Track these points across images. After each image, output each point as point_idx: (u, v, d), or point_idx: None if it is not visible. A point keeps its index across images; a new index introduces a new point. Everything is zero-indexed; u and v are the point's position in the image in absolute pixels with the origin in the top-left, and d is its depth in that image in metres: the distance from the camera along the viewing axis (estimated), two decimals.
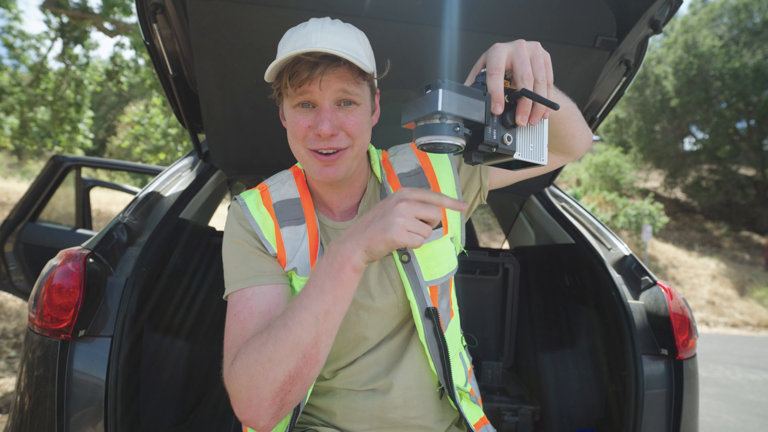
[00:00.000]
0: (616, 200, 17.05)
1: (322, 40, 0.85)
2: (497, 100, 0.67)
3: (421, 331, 0.99)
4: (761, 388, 5.06)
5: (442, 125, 0.66)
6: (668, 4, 1.26)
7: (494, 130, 0.69)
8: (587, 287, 1.90)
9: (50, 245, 3.26)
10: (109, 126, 23.15)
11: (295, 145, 0.94)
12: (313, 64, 0.85)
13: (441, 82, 0.65)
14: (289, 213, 1.00)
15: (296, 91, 0.88)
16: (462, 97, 0.66)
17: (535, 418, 1.96)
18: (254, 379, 0.74)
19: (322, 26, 0.88)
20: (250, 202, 1.01)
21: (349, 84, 0.88)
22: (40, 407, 1.16)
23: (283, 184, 1.05)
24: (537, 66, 0.71)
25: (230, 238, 0.97)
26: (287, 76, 0.87)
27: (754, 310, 11.95)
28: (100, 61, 11.39)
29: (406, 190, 0.76)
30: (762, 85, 17.50)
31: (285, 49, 0.89)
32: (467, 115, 0.66)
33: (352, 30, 0.92)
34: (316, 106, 0.90)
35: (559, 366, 2.01)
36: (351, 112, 0.90)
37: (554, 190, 2.21)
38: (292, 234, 0.98)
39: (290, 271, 0.96)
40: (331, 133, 0.88)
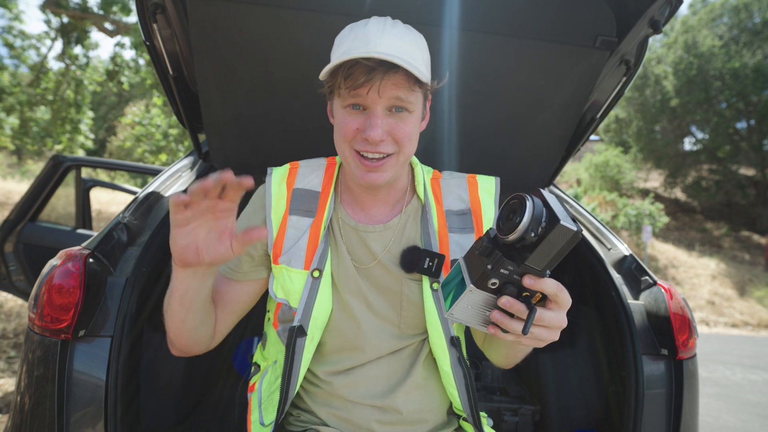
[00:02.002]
0: (616, 200, 17.04)
1: (381, 43, 0.84)
2: (507, 304, 0.70)
3: (446, 359, 0.99)
4: (761, 388, 5.06)
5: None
6: (668, 4, 1.26)
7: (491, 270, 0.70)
8: (587, 287, 1.89)
9: (50, 245, 3.26)
10: (109, 126, 23.15)
11: (341, 144, 0.94)
12: (370, 68, 0.84)
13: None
14: (303, 203, 1.01)
15: (350, 93, 0.87)
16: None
17: (535, 418, 1.96)
18: (168, 329, 0.96)
19: (383, 27, 0.87)
20: (276, 176, 1.03)
21: (403, 91, 0.87)
22: (40, 407, 1.16)
23: (312, 171, 1.05)
24: (557, 323, 0.75)
25: (246, 211, 1.05)
26: (342, 76, 0.86)
27: (754, 310, 11.95)
28: (100, 61, 11.41)
29: None
30: (762, 85, 17.50)
31: (342, 47, 0.88)
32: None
33: (412, 33, 0.91)
34: (367, 110, 0.89)
35: (559, 366, 2.01)
36: (402, 120, 0.90)
37: (554, 190, 2.21)
38: (297, 224, 0.99)
39: (282, 264, 0.98)
40: (380, 140, 0.88)
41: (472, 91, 1.57)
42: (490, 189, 1.07)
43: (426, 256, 0.98)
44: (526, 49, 1.44)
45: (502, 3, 1.33)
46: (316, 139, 1.76)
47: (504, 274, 0.70)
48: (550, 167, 1.96)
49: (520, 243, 0.68)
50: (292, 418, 1.07)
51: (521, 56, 1.46)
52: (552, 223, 0.65)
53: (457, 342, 0.98)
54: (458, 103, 1.61)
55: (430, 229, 1.02)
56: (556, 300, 0.73)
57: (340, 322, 0.99)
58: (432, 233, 1.01)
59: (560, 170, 2.06)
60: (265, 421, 1.01)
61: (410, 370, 1.01)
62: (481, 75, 1.52)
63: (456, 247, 1.01)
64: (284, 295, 0.98)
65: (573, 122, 1.72)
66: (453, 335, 0.98)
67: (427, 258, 0.98)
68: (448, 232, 1.02)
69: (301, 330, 0.95)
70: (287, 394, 0.97)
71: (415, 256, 0.98)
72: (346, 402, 1.00)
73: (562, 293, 0.73)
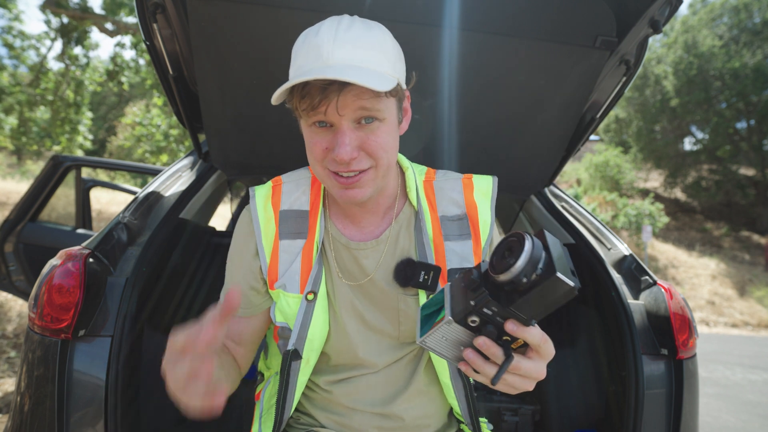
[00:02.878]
0: (616, 200, 17.05)
1: (333, 55, 0.77)
2: (483, 346, 0.67)
3: (446, 371, 0.97)
4: (761, 388, 5.06)
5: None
6: (668, 4, 1.26)
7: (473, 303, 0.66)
8: (587, 287, 1.89)
9: (50, 245, 3.26)
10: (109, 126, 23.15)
11: (314, 165, 0.87)
12: (324, 86, 0.76)
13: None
14: (292, 225, 0.96)
15: (309, 114, 0.80)
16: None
17: (535, 418, 1.96)
18: None
19: (335, 34, 0.78)
20: (260, 198, 0.99)
21: (368, 101, 0.79)
22: (40, 407, 1.16)
23: (297, 188, 1.00)
24: (534, 374, 0.71)
25: (231, 249, 1.01)
26: (298, 97, 0.80)
27: (754, 310, 11.96)
28: (100, 62, 11.40)
29: None
30: (762, 85, 17.50)
31: (297, 61, 0.82)
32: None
33: (373, 32, 0.81)
34: (334, 125, 0.81)
35: (559, 366, 2.01)
36: (373, 131, 0.82)
37: (554, 190, 2.21)
38: (289, 248, 0.95)
39: (278, 289, 0.95)
40: (350, 158, 0.80)
41: (472, 91, 1.57)
42: (486, 190, 1.00)
43: (421, 270, 0.92)
44: (526, 49, 1.43)
45: (502, 3, 1.33)
46: None
47: (486, 314, 0.65)
48: (550, 167, 1.96)
49: (510, 286, 0.63)
50: (291, 421, 1.07)
51: (521, 56, 1.46)
52: (548, 272, 0.60)
53: None
54: (458, 103, 1.61)
55: (424, 239, 0.95)
56: (539, 351, 0.69)
57: (337, 343, 0.97)
58: (427, 243, 0.95)
59: (560, 170, 2.05)
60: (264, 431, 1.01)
61: (411, 378, 1.00)
62: (481, 75, 1.52)
63: (453, 256, 0.95)
64: (283, 318, 0.95)
65: (573, 122, 1.72)
66: None
67: (422, 271, 0.92)
68: (443, 241, 0.96)
69: (296, 354, 0.92)
70: (282, 414, 0.96)
71: (409, 271, 0.93)
72: (347, 408, 0.99)
73: (546, 345, 0.68)
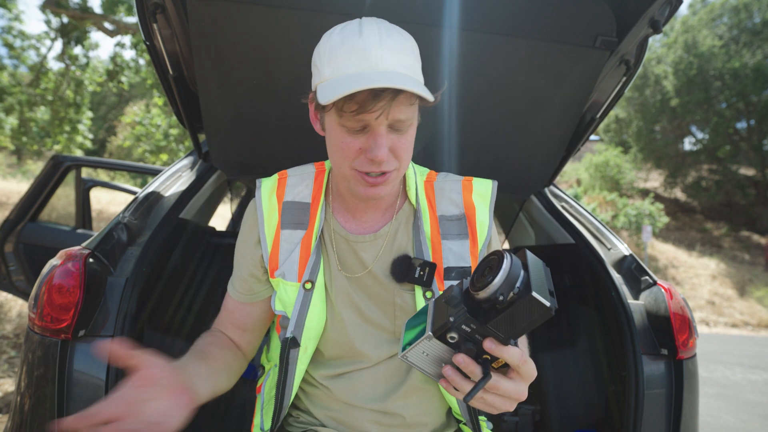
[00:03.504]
0: (616, 200, 17.05)
1: (383, 60, 0.80)
2: (461, 363, 0.67)
3: None
4: (761, 388, 5.06)
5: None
6: (668, 4, 1.26)
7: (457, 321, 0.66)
8: (587, 287, 1.89)
9: (50, 245, 3.26)
10: (109, 126, 23.14)
11: (340, 163, 0.89)
12: (377, 93, 0.78)
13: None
14: (294, 216, 1.00)
15: (354, 117, 0.82)
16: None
17: (535, 418, 1.96)
18: None
19: (380, 39, 0.81)
20: (265, 189, 1.02)
21: (405, 110, 0.83)
22: (40, 407, 1.16)
23: (301, 181, 1.03)
24: (514, 394, 0.72)
25: (240, 236, 1.05)
26: (345, 100, 0.80)
27: (754, 310, 11.96)
28: (100, 62, 11.40)
29: None
30: (762, 85, 17.50)
31: (336, 61, 0.82)
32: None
33: (408, 40, 0.86)
34: (367, 128, 0.84)
35: (559, 366, 2.01)
36: (402, 135, 0.87)
37: (554, 190, 2.21)
38: (289, 237, 0.99)
39: (278, 278, 0.98)
40: (384, 159, 0.85)
41: (472, 91, 1.57)
42: (485, 194, 1.03)
43: (417, 265, 0.95)
44: (526, 49, 1.43)
45: (502, 3, 1.33)
46: (316, 139, 1.76)
47: (465, 330, 0.65)
48: (550, 167, 1.96)
49: (488, 303, 0.63)
50: (291, 419, 1.07)
51: (521, 56, 1.46)
52: (524, 291, 0.61)
53: None
54: (458, 104, 1.61)
55: (421, 236, 0.98)
56: (518, 371, 0.69)
57: (334, 333, 0.99)
58: (424, 240, 0.98)
59: (560, 170, 2.05)
60: (265, 427, 1.01)
61: (408, 374, 1.00)
62: (481, 75, 1.52)
63: (450, 255, 0.98)
64: (282, 307, 0.98)
65: (573, 122, 1.72)
66: None
67: (418, 267, 0.95)
68: (441, 239, 0.99)
69: (294, 341, 0.94)
70: (282, 403, 0.98)
71: (405, 266, 0.96)
72: (345, 405, 1.00)
73: (526, 366, 0.69)
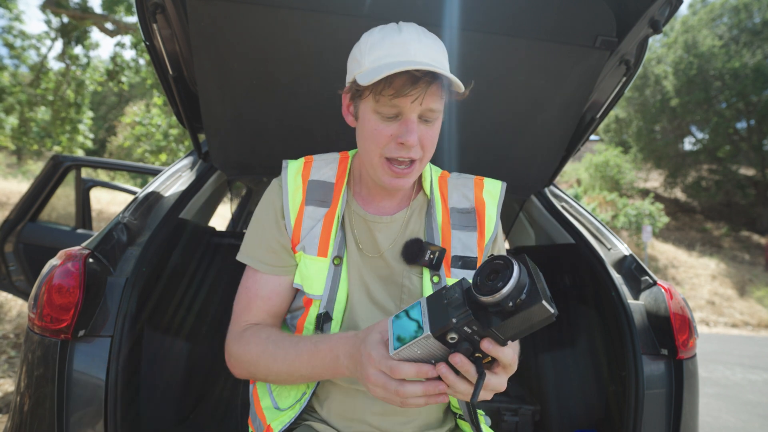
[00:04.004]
0: (616, 200, 17.04)
1: (421, 53, 0.86)
2: (459, 363, 0.69)
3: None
4: (761, 388, 5.06)
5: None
6: (668, 4, 1.26)
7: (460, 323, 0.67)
8: (587, 287, 1.89)
9: (50, 245, 3.26)
10: (109, 126, 23.14)
11: (370, 150, 0.94)
12: (416, 79, 0.84)
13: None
14: (318, 194, 1.04)
15: (390, 102, 0.88)
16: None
17: (535, 418, 1.96)
18: (242, 364, 0.99)
19: (419, 37, 0.89)
20: (292, 169, 1.06)
21: (436, 101, 0.90)
22: (40, 407, 1.16)
23: (327, 164, 1.08)
24: (498, 387, 0.75)
25: (258, 210, 1.06)
26: (385, 84, 0.86)
27: (754, 310, 11.96)
28: (100, 61, 11.40)
29: (378, 372, 0.74)
30: (762, 85, 17.50)
31: (377, 53, 0.88)
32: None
33: (440, 43, 0.93)
34: (399, 116, 0.90)
35: (559, 366, 2.01)
36: (430, 127, 0.93)
37: (554, 190, 2.21)
38: (312, 213, 1.03)
39: (299, 251, 1.01)
40: (415, 145, 0.91)
41: (472, 91, 1.56)
42: (494, 193, 1.10)
43: (428, 249, 1.00)
44: (526, 49, 1.44)
45: (502, 3, 1.33)
46: (316, 138, 1.76)
47: (466, 332, 0.67)
48: (550, 167, 1.96)
49: (494, 308, 0.65)
50: None
51: (521, 56, 1.46)
52: (532, 299, 0.63)
53: None
54: (458, 103, 1.60)
55: (433, 224, 1.05)
56: (507, 368, 0.73)
57: (347, 310, 1.02)
58: (435, 228, 1.04)
59: (560, 170, 2.05)
60: (282, 405, 1.03)
61: None
62: (481, 75, 1.52)
63: (458, 244, 1.04)
64: (300, 280, 1.01)
65: (573, 122, 1.72)
66: None
67: (428, 251, 1.00)
68: (451, 229, 1.05)
69: (327, 316, 0.99)
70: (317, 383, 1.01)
71: (416, 248, 1.01)
72: (344, 389, 1.01)
73: (515, 364, 0.73)
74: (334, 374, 0.87)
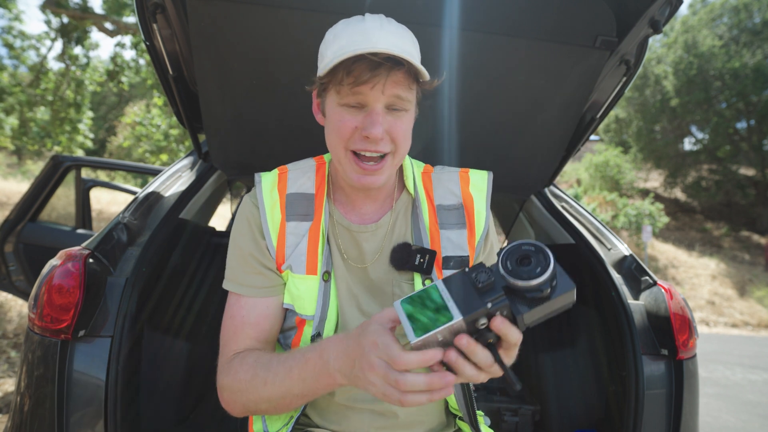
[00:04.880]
0: (616, 200, 17.04)
1: (383, 40, 0.82)
2: (466, 346, 0.64)
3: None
4: (761, 388, 5.06)
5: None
6: (668, 4, 1.26)
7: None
8: (587, 287, 1.89)
9: (50, 245, 3.26)
10: (109, 126, 23.14)
11: (336, 144, 0.90)
12: (376, 64, 0.81)
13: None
14: (298, 207, 0.98)
15: (351, 91, 0.84)
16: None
17: (535, 418, 1.96)
18: (234, 396, 0.90)
19: (382, 24, 0.85)
20: (266, 184, 1.00)
21: (403, 90, 0.86)
22: (40, 407, 1.16)
23: (303, 174, 1.02)
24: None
25: (235, 233, 0.99)
26: (344, 72, 0.83)
27: (754, 310, 11.95)
28: (100, 61, 11.40)
29: (381, 360, 0.67)
30: (762, 85, 17.50)
31: (339, 42, 0.85)
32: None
33: (407, 32, 0.89)
34: (366, 107, 0.87)
35: (559, 366, 2.01)
36: (399, 118, 0.88)
37: (554, 190, 2.21)
38: (295, 229, 0.97)
39: (286, 270, 0.96)
40: (380, 137, 0.86)
41: (472, 91, 1.57)
42: (481, 186, 1.05)
43: (417, 253, 0.95)
44: (526, 49, 1.44)
45: (502, 3, 1.33)
46: (316, 139, 1.76)
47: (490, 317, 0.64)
48: (550, 167, 1.96)
49: (530, 293, 0.63)
50: None
51: (521, 56, 1.46)
52: (565, 285, 0.63)
53: None
54: (458, 104, 1.61)
55: (420, 225, 1.00)
56: (511, 348, 0.68)
57: (340, 327, 0.98)
58: (423, 229, 0.99)
59: (560, 170, 2.05)
60: (271, 430, 1.00)
61: None
62: (481, 75, 1.52)
63: (448, 244, 0.99)
64: (290, 300, 0.96)
65: (573, 122, 1.72)
66: None
67: (417, 255, 0.95)
68: (439, 228, 1.00)
69: (320, 337, 0.93)
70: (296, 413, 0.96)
71: (405, 254, 0.96)
72: (343, 407, 0.99)
73: (519, 343, 0.69)
74: (326, 385, 0.79)
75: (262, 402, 0.86)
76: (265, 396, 0.85)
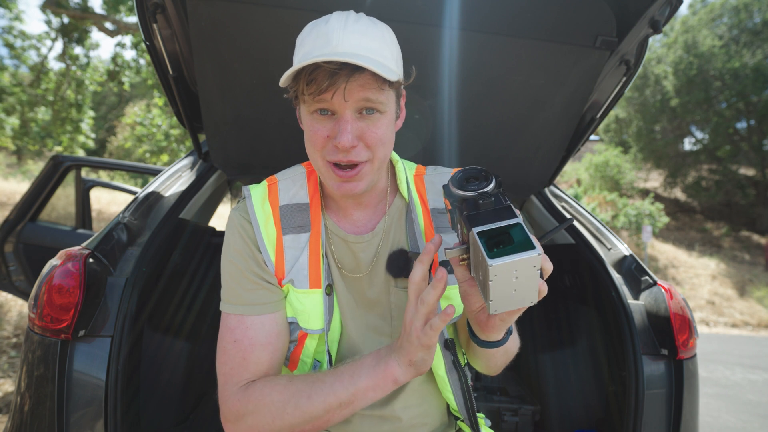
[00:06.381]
0: (616, 200, 17.04)
1: (344, 42, 0.78)
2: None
3: (441, 363, 0.96)
4: (761, 388, 5.06)
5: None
6: (668, 4, 1.26)
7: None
8: (587, 287, 1.90)
9: (50, 245, 3.26)
10: (109, 126, 23.14)
11: (313, 154, 0.87)
12: (333, 71, 0.77)
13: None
14: (294, 219, 0.94)
15: (314, 99, 0.81)
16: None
17: (535, 418, 1.96)
18: (263, 422, 0.82)
19: (345, 24, 0.80)
20: (256, 197, 0.96)
21: (372, 92, 0.81)
22: (40, 407, 1.16)
23: (294, 183, 0.99)
24: None
25: (228, 250, 0.93)
26: (304, 81, 0.80)
27: (754, 310, 11.95)
28: (100, 61, 11.40)
29: (419, 325, 0.75)
30: (762, 85, 17.49)
31: (304, 48, 0.83)
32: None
33: (378, 27, 0.84)
34: (336, 114, 0.83)
35: (559, 366, 2.01)
36: (373, 122, 0.83)
37: (554, 190, 2.21)
38: (293, 243, 0.93)
39: (287, 285, 0.92)
40: (350, 146, 0.81)
41: (472, 91, 1.57)
42: None
43: (413, 259, 0.92)
44: (526, 49, 1.44)
45: (502, 3, 1.33)
46: None
47: None
48: (550, 167, 1.96)
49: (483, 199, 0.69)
50: None
51: (521, 56, 1.46)
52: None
53: (451, 344, 0.95)
54: (458, 104, 1.61)
55: (416, 230, 0.96)
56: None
57: (344, 342, 0.98)
58: (418, 234, 0.96)
59: (560, 170, 2.06)
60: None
61: None
62: (481, 75, 1.52)
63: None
64: (293, 313, 0.93)
65: (573, 122, 1.72)
66: (447, 338, 0.95)
67: (414, 261, 0.93)
68: (435, 233, 0.97)
69: (330, 357, 0.93)
70: None
71: (401, 260, 0.94)
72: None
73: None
74: (383, 377, 0.79)
75: (297, 421, 0.80)
76: (309, 411, 0.80)
